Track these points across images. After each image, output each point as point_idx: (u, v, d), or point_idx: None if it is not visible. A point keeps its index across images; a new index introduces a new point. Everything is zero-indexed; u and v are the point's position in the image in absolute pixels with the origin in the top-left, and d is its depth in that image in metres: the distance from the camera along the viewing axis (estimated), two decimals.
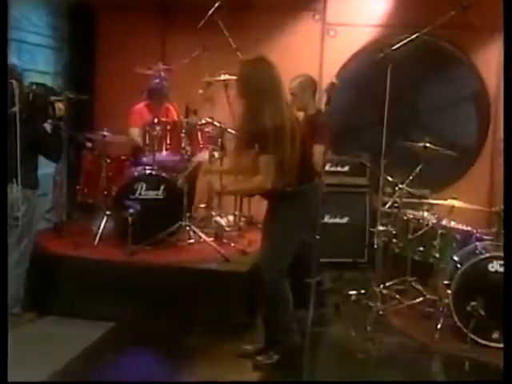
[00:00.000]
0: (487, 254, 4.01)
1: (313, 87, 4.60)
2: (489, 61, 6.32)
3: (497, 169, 6.26)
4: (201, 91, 5.43)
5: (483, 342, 3.99)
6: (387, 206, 4.93)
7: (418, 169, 4.79)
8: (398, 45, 4.97)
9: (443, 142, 5.33)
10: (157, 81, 5.38)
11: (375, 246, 4.62)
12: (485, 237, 4.47)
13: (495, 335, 3.98)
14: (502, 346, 3.94)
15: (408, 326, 4.30)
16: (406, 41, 4.93)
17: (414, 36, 4.87)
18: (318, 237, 4.50)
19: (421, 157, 4.97)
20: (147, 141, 4.98)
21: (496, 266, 3.99)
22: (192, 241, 4.88)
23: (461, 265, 4.11)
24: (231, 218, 5.52)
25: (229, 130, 5.09)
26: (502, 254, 3.99)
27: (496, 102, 6.36)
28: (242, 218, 5.56)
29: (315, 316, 4.43)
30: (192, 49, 5.53)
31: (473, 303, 3.97)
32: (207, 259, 4.61)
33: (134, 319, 4.28)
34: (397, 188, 4.88)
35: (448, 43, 6.33)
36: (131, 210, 4.63)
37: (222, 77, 5.32)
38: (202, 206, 5.70)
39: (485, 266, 4.01)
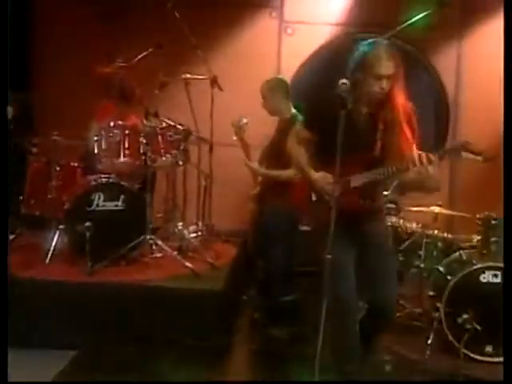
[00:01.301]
0: (479, 265, 3.83)
1: (284, 89, 4.29)
2: (447, 63, 6.25)
3: (454, 171, 6.20)
4: (156, 92, 5.01)
5: (476, 356, 3.81)
6: None
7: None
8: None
9: None
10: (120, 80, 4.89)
11: None
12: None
13: (488, 349, 3.82)
14: (495, 360, 3.83)
15: (394, 342, 4.06)
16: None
17: (388, 35, 4.65)
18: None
19: None
20: (103, 146, 4.51)
21: (488, 277, 3.82)
22: (157, 255, 4.45)
23: (450, 275, 3.91)
24: (192, 227, 5.13)
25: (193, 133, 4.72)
26: (494, 265, 3.85)
27: (454, 103, 6.29)
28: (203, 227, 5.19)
29: (294, 335, 4.20)
30: (147, 46, 5.10)
31: (465, 316, 3.79)
32: (176, 275, 4.21)
33: (98, 346, 3.82)
34: None
35: (408, 44, 6.18)
36: (88, 224, 4.18)
37: (183, 76, 4.93)
38: (159, 215, 5.27)
39: (477, 277, 3.83)
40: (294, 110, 4.31)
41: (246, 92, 5.93)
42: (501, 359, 3.80)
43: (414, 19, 4.80)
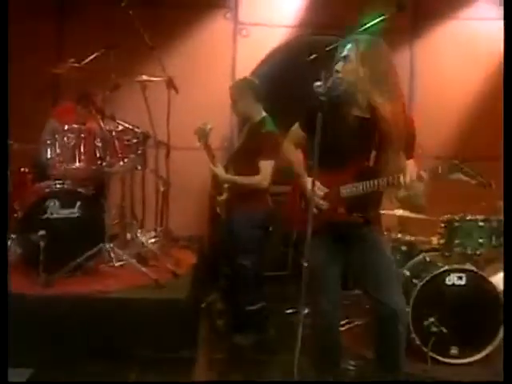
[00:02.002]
0: (446, 267, 3.85)
1: (254, 92, 4.15)
2: (400, 65, 6.28)
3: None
4: (107, 93, 4.83)
5: (442, 359, 3.82)
6: None
7: None
8: (332, 46, 4.77)
9: None
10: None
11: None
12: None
13: (453, 351, 3.83)
14: (460, 362, 3.86)
15: (362, 347, 4.03)
16: (341, 41, 4.70)
17: (352, 36, 4.64)
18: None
19: None
20: (57, 150, 4.29)
21: (453, 279, 3.84)
22: (115, 264, 4.28)
23: (415, 279, 3.91)
24: (150, 234, 4.97)
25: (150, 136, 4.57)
26: (459, 267, 3.87)
27: (407, 105, 6.34)
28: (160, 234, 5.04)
29: (259, 343, 4.11)
30: (100, 46, 4.91)
31: (431, 319, 3.79)
32: (136, 285, 4.04)
33: (56, 363, 3.62)
34: None
35: None
36: (42, 233, 3.97)
37: (139, 78, 4.77)
38: (115, 222, 5.08)
39: (442, 280, 3.84)
40: (264, 113, 4.17)
41: (202, 94, 5.83)
42: (466, 360, 3.85)
43: (370, 23, 4.77)
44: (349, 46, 2.89)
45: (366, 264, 2.99)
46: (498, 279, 3.94)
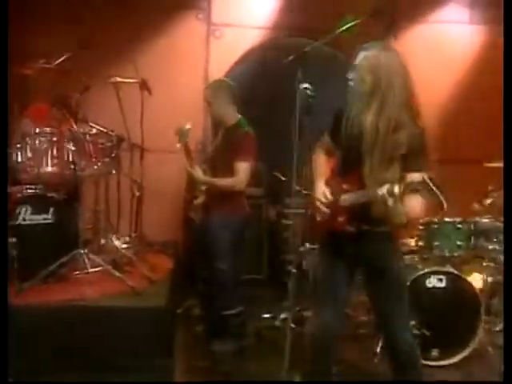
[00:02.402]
0: (426, 270, 3.85)
1: (229, 93, 4.09)
2: None
3: None
4: (78, 95, 4.71)
5: (424, 362, 3.79)
6: None
7: None
8: (308, 48, 4.75)
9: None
10: None
11: (304, 267, 4.28)
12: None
13: (434, 353, 3.84)
14: (441, 363, 3.87)
15: (342, 350, 3.99)
16: (318, 43, 4.68)
17: (320, 42, 4.62)
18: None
19: None
20: (28, 154, 4.16)
21: (433, 282, 3.84)
22: (89, 270, 4.16)
23: None
24: (124, 239, 4.87)
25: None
26: (440, 269, 3.88)
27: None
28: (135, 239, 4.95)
29: (238, 350, 4.04)
30: (72, 46, 4.79)
31: (412, 322, 3.78)
32: (112, 293, 3.95)
33: (30, 374, 3.49)
34: None
35: (335, 49, 6.21)
36: (13, 240, 3.84)
37: (113, 79, 4.67)
38: (88, 227, 4.96)
39: (423, 282, 3.84)
40: (239, 116, 4.11)
41: (175, 96, 5.75)
42: (446, 362, 3.86)
43: (346, 26, 4.76)
44: (361, 55, 2.85)
45: (375, 288, 2.91)
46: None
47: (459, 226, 4.03)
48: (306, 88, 2.68)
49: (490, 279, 4.24)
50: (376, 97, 2.72)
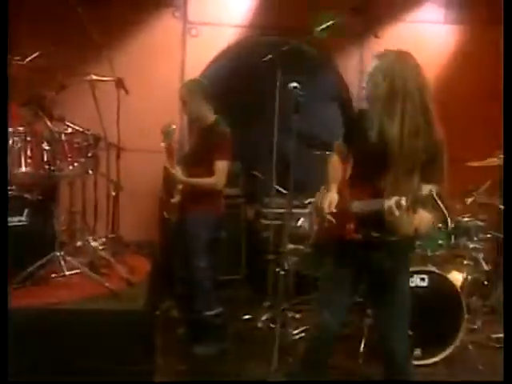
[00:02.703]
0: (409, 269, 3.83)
1: (205, 93, 4.04)
2: (351, 64, 6.33)
3: None
4: (54, 94, 4.61)
5: None
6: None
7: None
8: (287, 46, 4.73)
9: (316, 143, 5.21)
10: None
11: (285, 268, 4.23)
12: None
13: (417, 352, 3.84)
14: (423, 363, 3.87)
15: None
16: (294, 43, 4.67)
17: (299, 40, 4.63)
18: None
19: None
20: None
21: (416, 281, 3.84)
22: (66, 273, 4.05)
23: None
24: (101, 241, 4.76)
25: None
26: (422, 269, 3.88)
27: (359, 103, 6.38)
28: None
29: (219, 353, 3.98)
30: (46, 44, 4.67)
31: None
32: (91, 296, 3.84)
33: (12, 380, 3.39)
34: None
35: (313, 47, 6.19)
36: None
37: (89, 77, 4.56)
38: (63, 228, 4.84)
39: None
40: (215, 115, 4.07)
41: (151, 94, 5.66)
42: (428, 361, 3.87)
43: (324, 25, 4.75)
44: (373, 61, 2.78)
45: (379, 297, 2.90)
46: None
47: (440, 225, 4.03)
48: (295, 87, 2.62)
49: (469, 278, 4.25)
50: (397, 104, 2.66)
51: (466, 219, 4.13)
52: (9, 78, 4.33)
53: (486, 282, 4.55)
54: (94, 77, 4.60)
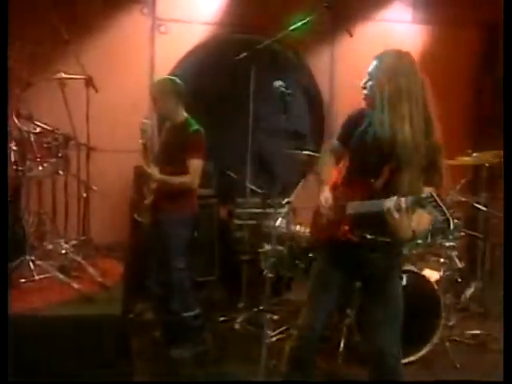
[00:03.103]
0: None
1: (176, 91, 3.95)
2: (321, 64, 6.31)
3: None
4: (18, 92, 4.45)
5: None
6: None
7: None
8: (260, 45, 4.70)
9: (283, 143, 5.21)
10: None
11: (262, 268, 4.19)
12: None
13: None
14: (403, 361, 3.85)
15: None
16: (268, 42, 4.64)
17: (271, 40, 4.60)
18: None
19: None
20: None
21: None
22: (37, 277, 3.92)
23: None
24: (71, 243, 4.62)
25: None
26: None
27: (329, 102, 6.37)
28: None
29: (197, 356, 3.90)
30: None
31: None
32: (65, 301, 3.73)
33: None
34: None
35: (283, 47, 6.15)
36: None
37: (58, 75, 4.43)
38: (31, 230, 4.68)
39: None
40: (186, 114, 3.97)
41: (120, 93, 5.54)
42: (406, 360, 3.86)
43: (297, 25, 4.71)
44: (374, 62, 2.72)
45: (371, 297, 2.86)
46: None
47: None
48: (281, 86, 2.57)
49: (444, 275, 4.29)
50: (404, 104, 2.61)
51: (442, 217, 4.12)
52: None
53: (459, 280, 4.60)
54: (64, 75, 4.47)
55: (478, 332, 4.26)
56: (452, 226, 2.31)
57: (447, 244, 4.14)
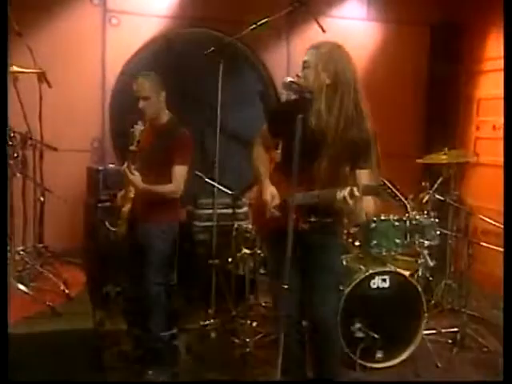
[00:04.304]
0: (371, 271, 3.74)
1: (162, 88, 3.57)
2: (278, 61, 6.18)
3: None
4: None
5: (369, 364, 3.72)
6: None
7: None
8: (228, 40, 4.50)
9: (240, 140, 5.15)
10: None
11: (242, 273, 3.99)
12: None
13: (379, 355, 3.75)
14: (385, 365, 3.78)
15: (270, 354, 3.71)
16: (237, 36, 4.44)
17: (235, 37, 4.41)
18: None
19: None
20: None
21: (378, 282, 3.74)
22: None
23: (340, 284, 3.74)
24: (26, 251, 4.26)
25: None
26: (383, 269, 3.79)
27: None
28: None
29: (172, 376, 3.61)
30: None
31: (357, 325, 3.67)
32: (28, 316, 3.40)
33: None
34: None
35: (240, 43, 5.96)
36: None
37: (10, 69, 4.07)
38: None
39: (367, 284, 3.73)
40: (170, 114, 3.61)
41: (70, 88, 5.19)
42: (390, 363, 3.79)
43: (262, 22, 4.53)
44: (311, 50, 2.79)
45: (310, 267, 2.94)
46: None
47: (396, 223, 3.97)
48: (291, 81, 2.48)
49: (421, 275, 4.26)
50: (336, 94, 2.72)
51: (419, 217, 4.07)
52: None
53: (430, 278, 4.58)
54: (16, 68, 4.10)
55: (455, 330, 4.21)
56: (410, 210, 2.47)
57: (426, 243, 4.08)
